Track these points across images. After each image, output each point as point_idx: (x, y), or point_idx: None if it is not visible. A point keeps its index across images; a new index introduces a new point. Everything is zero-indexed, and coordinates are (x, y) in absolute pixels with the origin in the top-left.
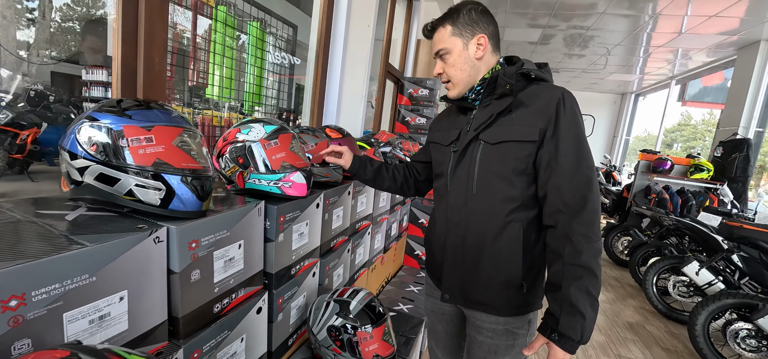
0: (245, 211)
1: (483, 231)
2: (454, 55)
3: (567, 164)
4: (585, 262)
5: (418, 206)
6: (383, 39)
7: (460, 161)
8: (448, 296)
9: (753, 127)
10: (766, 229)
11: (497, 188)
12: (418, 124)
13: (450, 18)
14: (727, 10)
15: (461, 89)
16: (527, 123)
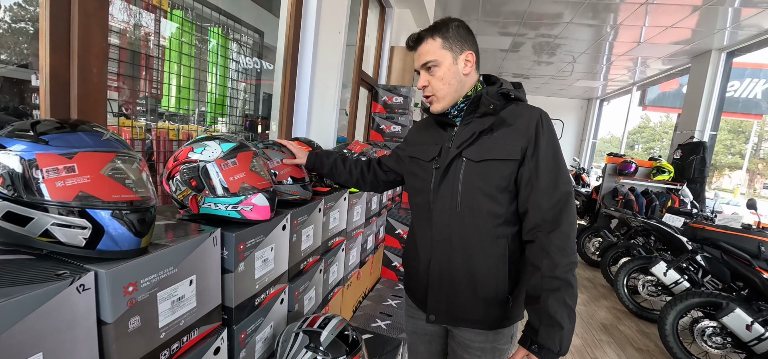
0: (197, 242)
1: (469, 247)
2: (443, 68)
3: (546, 182)
4: (562, 275)
5: (395, 216)
6: (356, 45)
7: (444, 178)
8: (435, 317)
9: (707, 131)
10: (725, 230)
11: (481, 205)
12: (393, 131)
13: (439, 31)
14: (681, 21)
15: (446, 104)
16: (509, 142)
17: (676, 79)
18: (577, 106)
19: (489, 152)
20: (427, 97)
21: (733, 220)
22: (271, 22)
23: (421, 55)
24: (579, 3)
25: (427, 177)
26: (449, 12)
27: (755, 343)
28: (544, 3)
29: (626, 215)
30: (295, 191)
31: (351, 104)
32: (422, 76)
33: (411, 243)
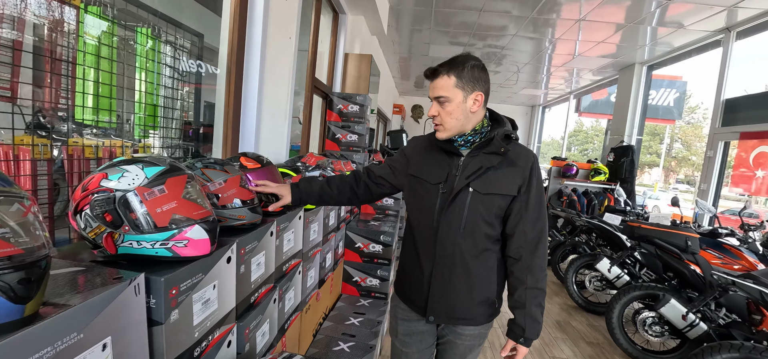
0: (111, 295)
1: (468, 261)
2: (454, 104)
3: (532, 215)
4: (541, 286)
5: (354, 230)
6: (308, 51)
7: (452, 202)
8: (434, 317)
9: (634, 135)
10: (657, 228)
11: (481, 228)
12: (349, 141)
13: (455, 69)
14: (609, 38)
15: (450, 134)
16: (510, 180)
17: (605, 90)
18: (522, 113)
19: (494, 187)
20: (436, 125)
21: (664, 218)
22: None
23: (435, 87)
24: (522, 17)
25: (431, 198)
26: (402, 22)
27: (688, 330)
28: (491, 16)
29: (571, 215)
30: (241, 216)
31: (304, 112)
32: (434, 106)
33: (411, 255)
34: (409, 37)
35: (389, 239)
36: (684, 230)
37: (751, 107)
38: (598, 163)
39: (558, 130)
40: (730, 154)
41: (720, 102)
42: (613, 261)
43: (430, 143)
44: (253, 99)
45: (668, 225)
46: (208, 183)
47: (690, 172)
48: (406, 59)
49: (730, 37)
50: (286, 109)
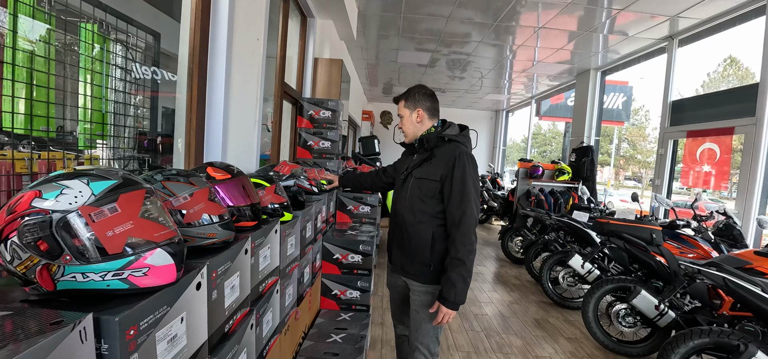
0: (51, 345)
1: (411, 229)
2: (405, 118)
3: (455, 199)
4: (460, 257)
5: (331, 240)
6: (276, 56)
7: (403, 185)
8: (393, 268)
9: (593, 136)
10: (625, 223)
11: (417, 205)
12: (322, 148)
13: (404, 97)
14: (566, 45)
15: (409, 138)
16: (436, 169)
17: (562, 94)
18: (487, 117)
19: (424, 174)
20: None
21: (629, 213)
22: (169, 25)
23: (398, 109)
24: (485, 24)
25: (398, 182)
26: (369, 28)
27: (658, 318)
28: (456, 23)
29: (540, 214)
30: (212, 234)
31: (274, 119)
32: (400, 121)
33: (392, 221)
34: (376, 43)
35: (368, 248)
36: (648, 224)
37: (694, 108)
38: (561, 163)
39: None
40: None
41: (667, 103)
42: (585, 257)
43: (406, 149)
44: (219, 105)
45: (633, 220)
46: (171, 199)
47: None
48: (374, 66)
49: (673, 44)
50: (255, 115)
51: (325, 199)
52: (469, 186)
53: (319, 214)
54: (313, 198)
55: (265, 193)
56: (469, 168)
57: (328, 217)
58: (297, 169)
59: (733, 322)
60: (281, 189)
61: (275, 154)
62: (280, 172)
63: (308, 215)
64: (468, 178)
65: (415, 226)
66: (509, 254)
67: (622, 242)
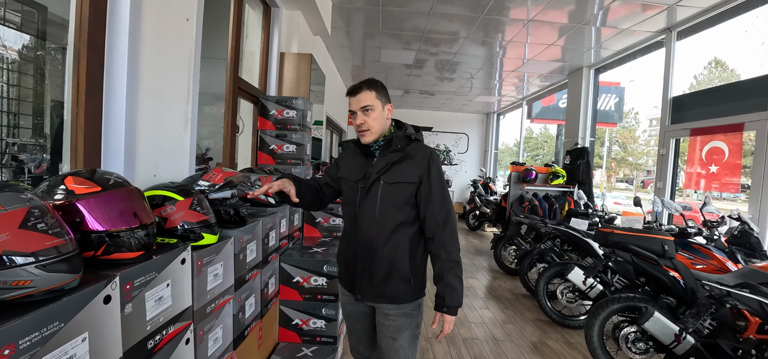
0: None
1: (384, 243)
2: (377, 112)
3: (437, 198)
4: (454, 258)
5: (290, 260)
6: (228, 45)
7: (367, 195)
8: (360, 296)
9: (588, 137)
10: (633, 233)
11: (392, 213)
12: (287, 152)
13: (374, 86)
14: (557, 41)
15: (374, 137)
16: (412, 171)
17: (553, 96)
18: (478, 120)
19: (398, 177)
20: (362, 131)
21: (635, 221)
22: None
23: (360, 100)
24: (473, 18)
25: (354, 193)
26: (352, 25)
27: (675, 345)
28: (439, 18)
29: (535, 221)
30: (23, 280)
31: (226, 120)
32: (359, 115)
33: (343, 244)
34: (359, 42)
35: (334, 270)
36: (658, 233)
37: (698, 104)
38: (555, 166)
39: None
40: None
41: (667, 100)
42: (588, 271)
43: (355, 150)
44: (119, 96)
45: (641, 228)
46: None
47: (628, 172)
48: (359, 68)
49: (671, 36)
50: (186, 110)
51: (286, 211)
52: (444, 183)
53: (274, 231)
54: (269, 211)
55: (176, 210)
56: (440, 165)
57: (293, 231)
58: (235, 176)
59: (761, 347)
60: (203, 204)
61: (227, 159)
62: (212, 180)
63: (252, 233)
64: (442, 176)
65: (390, 240)
66: (502, 264)
67: (628, 255)
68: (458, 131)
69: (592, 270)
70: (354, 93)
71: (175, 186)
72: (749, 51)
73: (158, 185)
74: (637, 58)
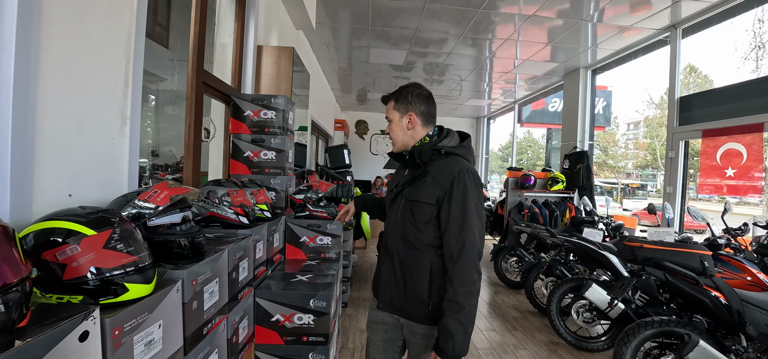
0: None
1: (403, 259)
2: (394, 123)
3: (454, 227)
4: (460, 300)
5: (268, 294)
6: (191, 32)
7: (393, 205)
8: (381, 304)
9: (586, 141)
10: (666, 247)
11: (410, 231)
12: (266, 160)
13: (395, 95)
14: (553, 41)
15: (398, 148)
16: (432, 190)
17: (543, 100)
18: (468, 125)
19: (417, 195)
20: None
21: (666, 234)
22: None
23: (386, 111)
24: (466, 13)
25: (389, 200)
26: (338, 21)
27: None
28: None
29: (538, 231)
30: None
31: (187, 121)
32: (388, 126)
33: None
34: (348, 41)
35: (323, 305)
36: (695, 247)
37: (709, 103)
38: (554, 171)
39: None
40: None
41: (674, 100)
42: (614, 292)
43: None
44: (4, 79)
45: (674, 242)
46: None
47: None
48: (346, 70)
49: (676, 34)
50: (123, 106)
51: (262, 232)
52: (470, 210)
53: (246, 259)
54: (240, 233)
55: (81, 250)
56: (471, 188)
57: (273, 255)
58: (189, 192)
59: None
60: (130, 238)
61: (189, 171)
62: (152, 200)
63: (212, 269)
64: (470, 201)
65: (409, 257)
66: (504, 276)
67: (661, 272)
68: None
69: (620, 290)
70: (384, 102)
71: (87, 214)
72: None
73: (57, 213)
74: (637, 57)
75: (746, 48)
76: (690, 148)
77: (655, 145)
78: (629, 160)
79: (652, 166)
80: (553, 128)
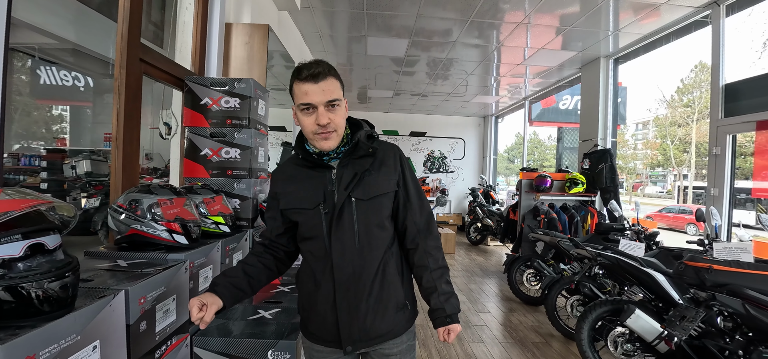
0: None
1: (371, 274)
2: (342, 108)
3: (416, 203)
4: (442, 263)
5: (214, 345)
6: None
7: (339, 221)
8: (351, 347)
9: (609, 138)
10: (748, 269)
11: (374, 235)
12: (227, 160)
13: (336, 75)
14: (569, 27)
15: (338, 140)
16: (386, 179)
17: (553, 97)
18: (475, 124)
19: (375, 189)
20: (326, 133)
21: (740, 250)
22: None
23: (327, 91)
24: (468, 1)
25: (316, 223)
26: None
27: None
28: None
29: (559, 239)
30: None
31: (115, 109)
32: (323, 113)
33: (312, 287)
34: (343, 31)
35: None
36: None
37: (764, 91)
38: (573, 172)
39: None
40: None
41: (719, 88)
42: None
43: (295, 168)
44: None
45: (753, 263)
46: None
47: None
48: (344, 65)
49: (719, 12)
50: None
51: (213, 253)
52: (419, 184)
53: (173, 299)
54: (171, 260)
55: None
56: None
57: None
58: (44, 205)
59: None
60: None
61: (118, 177)
62: None
63: (80, 332)
64: (416, 178)
65: (380, 268)
66: (519, 291)
67: (739, 302)
68: (454, 136)
69: (680, 326)
70: (315, 78)
71: None
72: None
73: None
74: (666, 43)
75: None
76: (692, 145)
77: (667, 144)
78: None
79: (663, 166)
80: (564, 127)
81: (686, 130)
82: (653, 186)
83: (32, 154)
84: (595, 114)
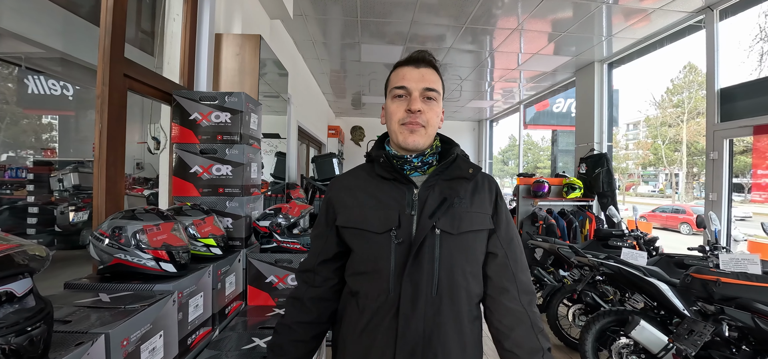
0: None
1: (447, 339)
2: (439, 106)
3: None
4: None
5: None
6: (103, 7)
7: (417, 256)
8: None
9: (604, 142)
10: (758, 282)
11: (461, 285)
12: (218, 177)
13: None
14: (565, 31)
15: (428, 142)
16: (481, 209)
17: (547, 100)
18: (470, 128)
19: (467, 223)
20: (415, 124)
21: (748, 262)
22: None
23: (426, 78)
24: (461, 8)
25: (381, 254)
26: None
27: None
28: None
29: (559, 247)
30: None
31: (98, 128)
32: (416, 100)
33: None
34: (336, 38)
35: None
36: None
37: (760, 94)
38: (570, 176)
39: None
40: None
41: (714, 92)
42: (680, 340)
43: (364, 176)
44: None
45: (762, 275)
46: None
47: None
48: (337, 72)
49: (712, 17)
50: None
51: (202, 280)
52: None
53: (161, 337)
54: (157, 293)
55: None
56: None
57: (228, 303)
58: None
59: None
60: None
61: (101, 198)
62: None
63: None
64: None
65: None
66: None
67: (749, 315)
68: None
69: (689, 340)
70: (416, 63)
71: None
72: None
73: None
74: (659, 48)
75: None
76: (687, 147)
77: (658, 144)
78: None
79: (654, 165)
80: (559, 130)
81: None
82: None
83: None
84: (590, 118)
